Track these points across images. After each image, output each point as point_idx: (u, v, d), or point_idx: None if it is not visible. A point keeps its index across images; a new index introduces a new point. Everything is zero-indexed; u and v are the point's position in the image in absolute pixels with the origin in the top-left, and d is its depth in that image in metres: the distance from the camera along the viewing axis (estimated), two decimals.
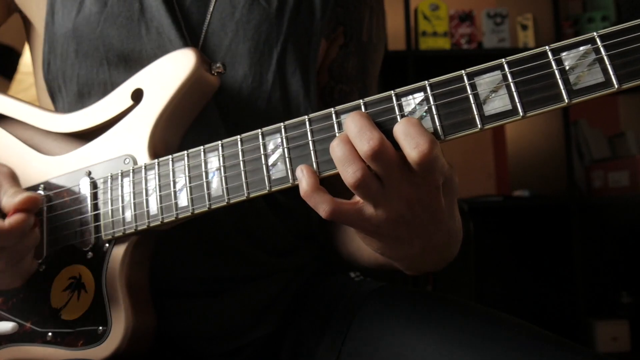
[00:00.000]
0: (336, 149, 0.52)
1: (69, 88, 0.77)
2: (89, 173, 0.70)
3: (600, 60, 0.48)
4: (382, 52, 0.90)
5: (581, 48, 0.49)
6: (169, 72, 0.69)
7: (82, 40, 0.75)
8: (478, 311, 0.67)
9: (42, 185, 0.72)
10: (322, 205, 0.53)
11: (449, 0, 2.50)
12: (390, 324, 0.69)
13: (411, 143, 0.50)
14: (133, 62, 0.74)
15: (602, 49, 0.48)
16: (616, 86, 0.47)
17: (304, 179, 0.54)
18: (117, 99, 0.71)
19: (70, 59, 0.76)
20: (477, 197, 2.46)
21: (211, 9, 0.76)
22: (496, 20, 2.51)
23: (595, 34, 0.49)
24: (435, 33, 2.45)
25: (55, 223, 0.71)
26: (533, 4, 2.54)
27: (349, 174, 0.52)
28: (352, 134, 0.52)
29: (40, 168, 0.73)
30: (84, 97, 0.76)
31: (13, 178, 0.67)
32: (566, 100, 0.49)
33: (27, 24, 0.86)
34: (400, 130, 0.51)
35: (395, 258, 0.63)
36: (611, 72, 0.48)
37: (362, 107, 0.55)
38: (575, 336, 2.22)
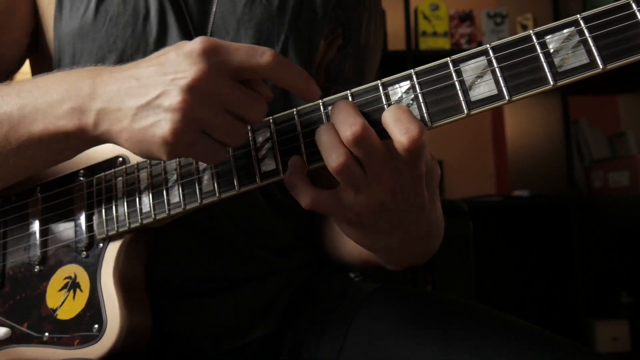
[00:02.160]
0: (321, 134, 0.53)
1: None
2: (83, 174, 0.70)
3: (585, 42, 0.48)
4: (379, 57, 0.91)
5: (565, 31, 0.49)
6: None
7: (87, 40, 0.75)
8: (478, 311, 0.67)
9: (38, 188, 0.72)
10: (302, 194, 0.54)
11: (449, 0, 2.50)
12: (390, 324, 0.69)
13: (401, 128, 0.50)
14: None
15: (585, 31, 0.48)
16: (601, 67, 0.48)
17: (291, 169, 0.55)
18: None
19: (77, 57, 0.76)
20: (477, 197, 2.46)
21: (214, 8, 0.76)
22: (496, 20, 2.51)
23: (578, 16, 0.49)
24: (435, 33, 2.45)
25: (51, 224, 0.71)
26: (533, 4, 2.54)
27: (332, 158, 0.52)
28: (337, 120, 0.53)
29: None
30: None
31: None
32: (551, 83, 0.49)
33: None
34: (390, 116, 0.51)
35: (374, 249, 0.63)
36: (595, 54, 0.48)
37: (350, 98, 0.55)
38: (575, 336, 2.22)
